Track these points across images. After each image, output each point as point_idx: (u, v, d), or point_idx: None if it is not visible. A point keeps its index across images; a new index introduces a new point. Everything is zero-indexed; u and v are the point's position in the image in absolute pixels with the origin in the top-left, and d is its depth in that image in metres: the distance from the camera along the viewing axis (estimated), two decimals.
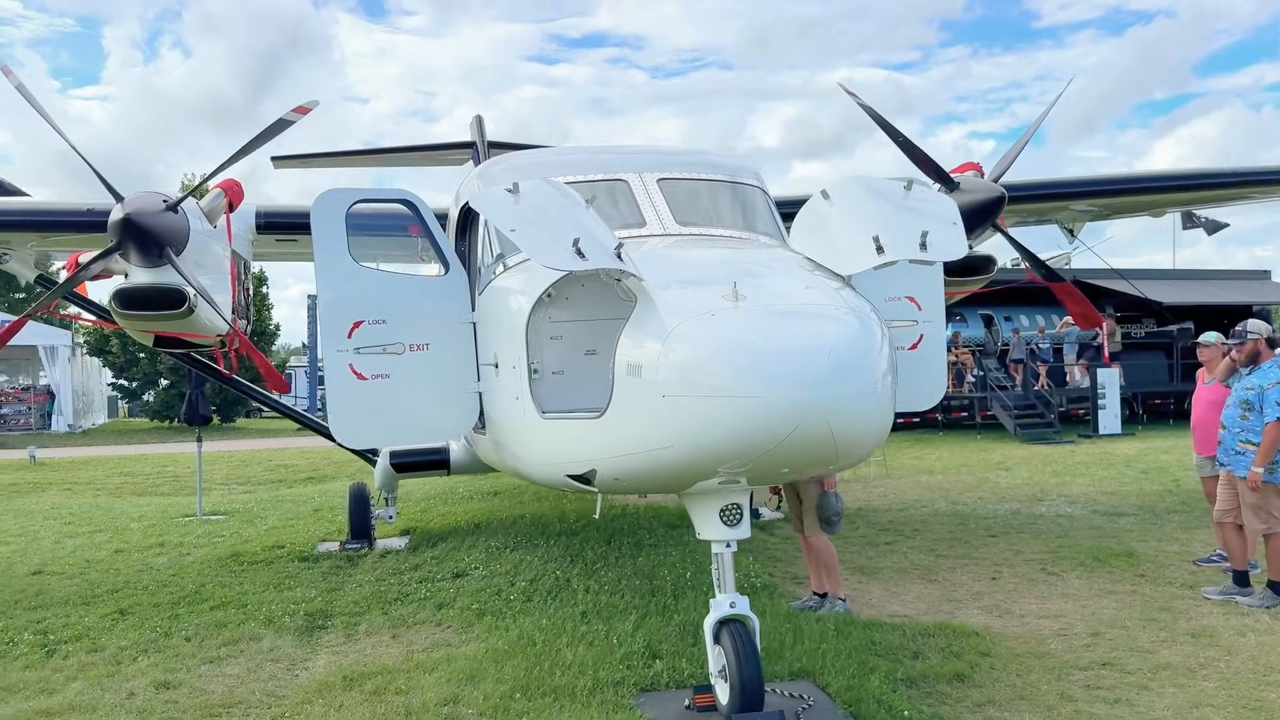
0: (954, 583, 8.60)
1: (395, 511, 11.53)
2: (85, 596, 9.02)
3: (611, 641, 6.62)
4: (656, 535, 10.55)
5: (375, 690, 6.07)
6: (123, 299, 7.96)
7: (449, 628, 7.52)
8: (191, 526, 13.34)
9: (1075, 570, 8.87)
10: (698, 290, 4.63)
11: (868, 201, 5.23)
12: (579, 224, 4.81)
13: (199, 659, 6.95)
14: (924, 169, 9.17)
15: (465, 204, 7.38)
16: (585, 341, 5.52)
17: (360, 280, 6.41)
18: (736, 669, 5.03)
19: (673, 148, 7.33)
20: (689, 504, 5.39)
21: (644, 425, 4.56)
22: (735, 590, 5.32)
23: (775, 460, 4.47)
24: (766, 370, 4.18)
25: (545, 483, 6.15)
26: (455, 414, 6.57)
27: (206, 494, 19.07)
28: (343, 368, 6.28)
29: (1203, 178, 11.33)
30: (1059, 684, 5.89)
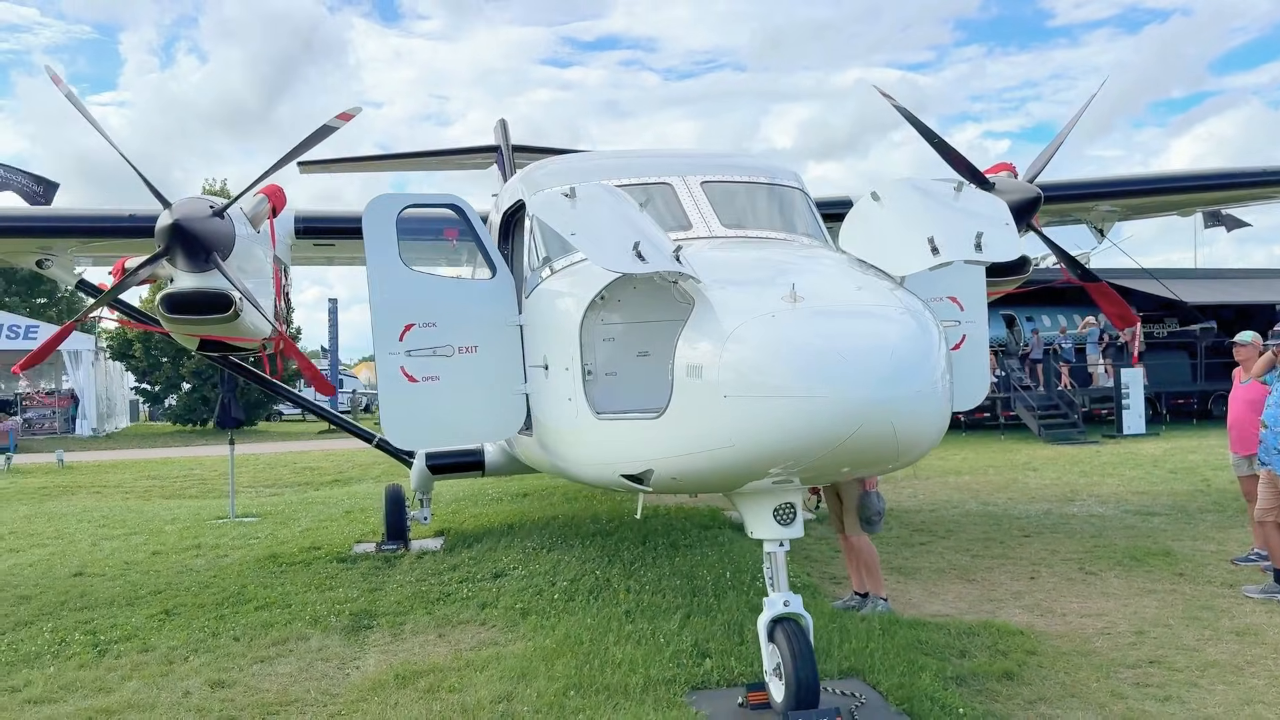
0: (993, 582, 8.63)
1: (430, 513, 11.62)
2: (129, 597, 9.14)
3: (659, 640, 6.68)
4: (690, 536, 10.60)
5: (428, 688, 6.15)
6: (170, 303, 8.08)
7: (494, 627, 7.59)
8: (225, 528, 13.47)
9: (1113, 570, 8.89)
10: (756, 291, 4.69)
11: (919, 203, 5.28)
12: (637, 227, 4.88)
13: (250, 658, 7.05)
14: (959, 170, 9.19)
15: (509, 208, 7.46)
16: (638, 343, 5.58)
17: (411, 284, 6.50)
18: (792, 667, 5.08)
19: (713, 150, 7.39)
20: (741, 503, 5.44)
21: (705, 425, 4.61)
22: (788, 589, 5.38)
23: (837, 459, 4.52)
24: (830, 370, 4.24)
25: (596, 483, 6.22)
26: (503, 415, 6.65)
27: (220, 498, 19.31)
28: (394, 370, 6.37)
29: (1237, 176, 11.31)
30: (1108, 682, 5.92)
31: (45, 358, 8.64)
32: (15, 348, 38.49)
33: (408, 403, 6.43)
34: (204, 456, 28.20)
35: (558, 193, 5.26)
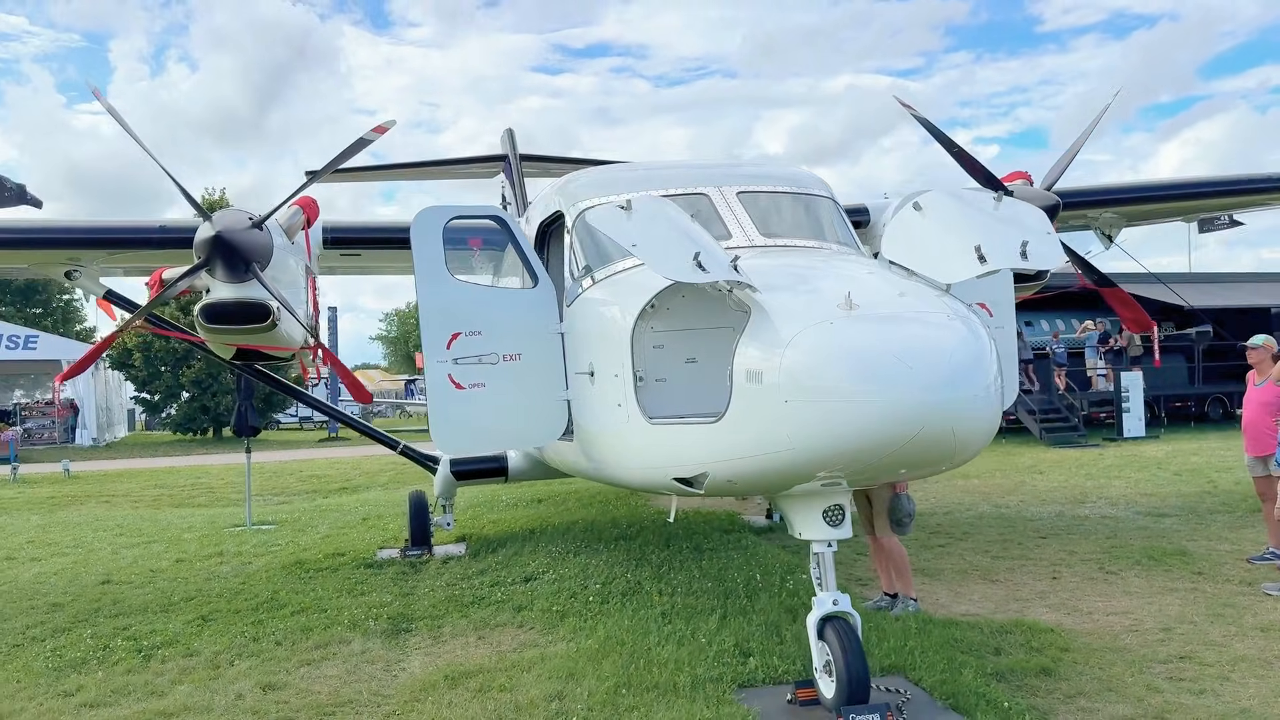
0: (1015, 583, 8.80)
1: (453, 518, 11.76)
2: (162, 604, 9.25)
3: (700, 641, 6.83)
4: (713, 540, 10.75)
5: (479, 688, 6.28)
6: (209, 314, 8.22)
7: (532, 629, 7.73)
8: (244, 536, 13.57)
9: (1133, 569, 9.07)
10: (812, 299, 4.85)
11: (961, 212, 5.45)
12: (695, 238, 5.04)
13: (295, 661, 7.17)
14: (977, 178, 9.40)
15: (546, 218, 7.62)
16: (687, 350, 5.75)
17: (457, 293, 6.66)
18: (844, 663, 5.23)
19: (745, 161, 7.61)
20: (789, 505, 5.60)
21: (765, 429, 4.77)
22: (836, 588, 5.54)
23: (896, 461, 4.69)
24: (892, 375, 4.40)
25: (644, 486, 6.37)
26: (546, 421, 6.81)
27: (235, 505, 19.40)
28: (442, 378, 6.53)
29: (1246, 183, 11.56)
30: (1142, 676, 6.09)
31: (87, 368, 8.74)
32: (15, 358, 38.56)
33: (455, 409, 6.59)
34: (208, 465, 28.25)
35: (613, 205, 5.41)
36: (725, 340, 5.64)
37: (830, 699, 5.35)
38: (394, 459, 27.87)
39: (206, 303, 8.23)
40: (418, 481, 21.98)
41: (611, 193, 7.11)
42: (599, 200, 7.07)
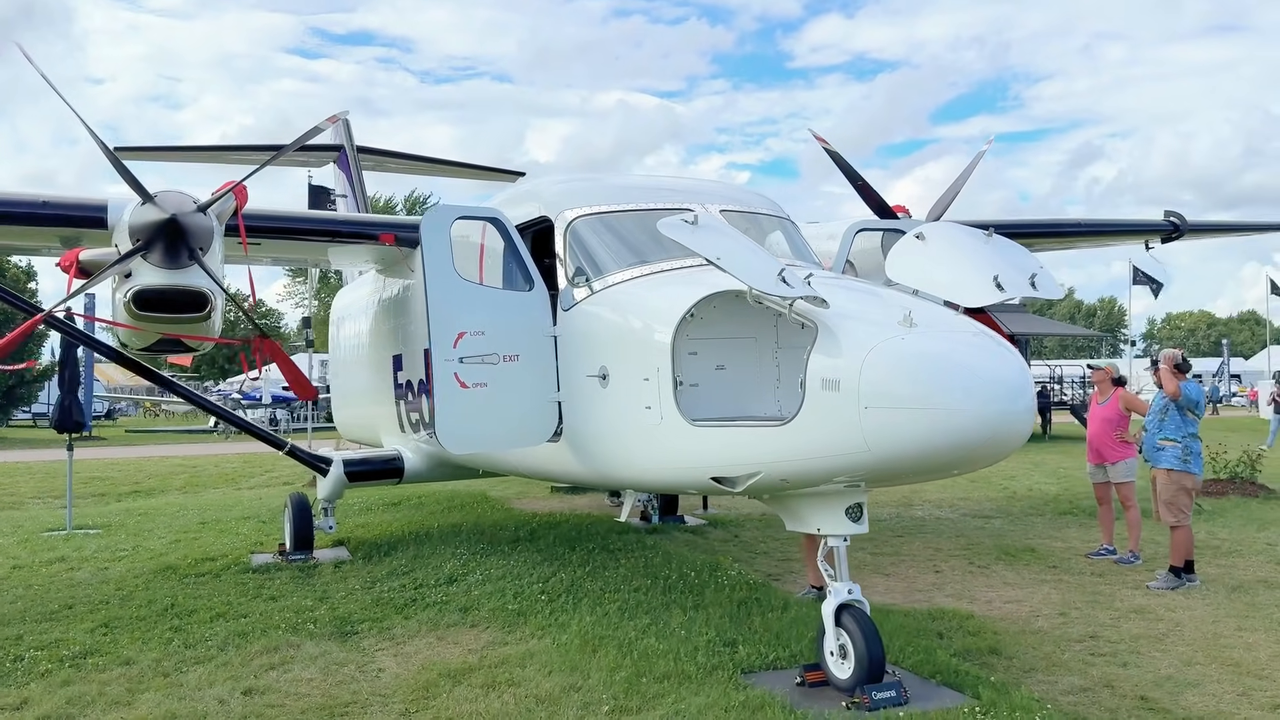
0: (905, 575, 9.71)
1: (335, 522, 11.38)
2: (40, 613, 8.50)
3: (679, 634, 7.16)
4: (614, 540, 11.06)
5: (486, 684, 6.33)
6: (141, 300, 7.66)
7: (488, 628, 7.75)
8: (75, 541, 12.48)
9: (997, 563, 10.23)
10: (878, 314, 5.37)
11: (963, 244, 6.15)
12: (769, 254, 5.44)
13: (255, 666, 6.88)
14: (873, 207, 10.33)
15: (528, 221, 7.72)
16: (718, 357, 6.12)
17: (463, 293, 6.70)
18: (864, 646, 5.77)
19: (719, 181, 8.05)
20: (807, 502, 6.09)
21: (839, 433, 5.20)
22: (849, 579, 6.08)
23: (957, 463, 5.29)
24: (968, 386, 4.98)
25: (668, 485, 6.65)
26: (541, 421, 6.96)
27: (21, 508, 17.64)
28: (449, 376, 6.55)
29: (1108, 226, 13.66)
30: (1070, 653, 7.03)
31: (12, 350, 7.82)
32: None
33: (461, 408, 6.62)
34: None
35: (678, 219, 5.69)
36: (754, 349, 6.08)
37: (845, 679, 5.87)
38: (183, 460, 26.17)
39: (138, 288, 7.65)
40: (212, 483, 20.80)
41: (602, 202, 7.37)
42: (591, 209, 7.30)
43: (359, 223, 10.22)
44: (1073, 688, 6.30)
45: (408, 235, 10.22)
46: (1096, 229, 14.80)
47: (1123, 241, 15.80)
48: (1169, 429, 9.32)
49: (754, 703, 5.73)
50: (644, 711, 5.76)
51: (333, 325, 14.80)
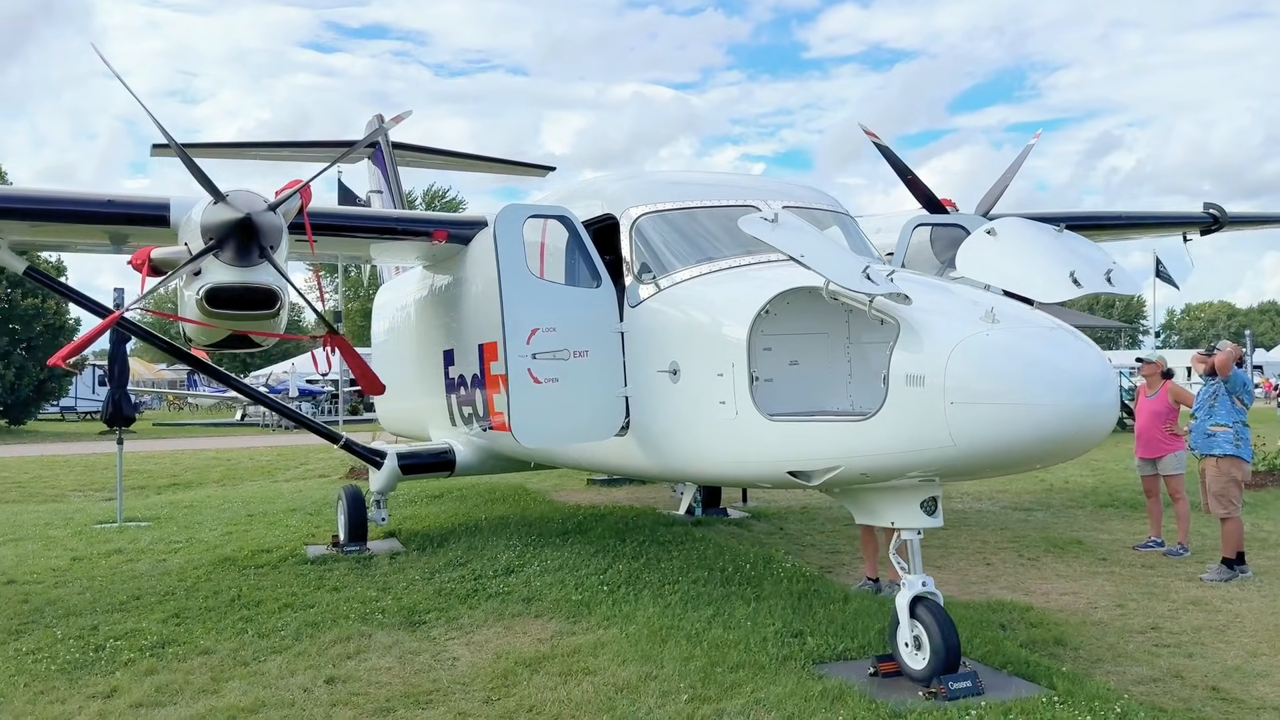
0: (956, 569, 9.79)
1: (386, 514, 11.55)
2: (110, 604, 8.68)
3: (745, 625, 7.27)
4: (663, 533, 11.15)
5: (562, 672, 6.45)
6: (213, 297, 7.82)
7: (553, 619, 7.87)
8: (129, 534, 12.69)
9: (1046, 556, 10.29)
10: (960, 310, 5.44)
11: (1035, 239, 6.22)
12: (851, 251, 5.53)
13: (334, 655, 7.03)
14: (922, 201, 10.39)
15: (593, 219, 7.82)
16: (792, 352, 6.22)
17: (535, 290, 6.83)
18: (940, 637, 5.86)
19: (779, 178, 8.16)
20: (880, 496, 6.17)
21: (924, 428, 5.28)
22: (922, 571, 6.17)
23: (1042, 457, 5.37)
24: (1056, 381, 5.06)
25: (742, 479, 6.75)
26: (609, 416, 7.08)
27: (64, 501, 17.90)
28: (523, 372, 6.68)
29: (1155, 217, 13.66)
30: (1135, 644, 7.10)
31: (85, 349, 8.01)
32: None
33: (534, 403, 6.75)
34: (5, 458, 25.66)
35: (759, 217, 5.79)
36: (826, 344, 6.17)
37: (920, 670, 5.96)
38: (216, 453, 26.46)
39: (211, 286, 7.80)
40: (249, 476, 21.03)
41: (665, 200, 7.47)
42: (655, 207, 7.41)
43: (413, 220, 10.34)
44: (1142, 678, 6.38)
45: (458, 232, 10.36)
46: (1135, 221, 14.81)
47: (1161, 234, 15.81)
48: (1220, 415, 9.36)
49: (832, 692, 5.83)
50: (722, 700, 5.86)
51: (376, 320, 14.95)
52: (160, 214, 8.58)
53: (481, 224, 10.32)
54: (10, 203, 9.01)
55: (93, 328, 8.38)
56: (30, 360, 37.50)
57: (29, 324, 37.18)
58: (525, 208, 7.07)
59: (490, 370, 9.76)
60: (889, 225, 10.02)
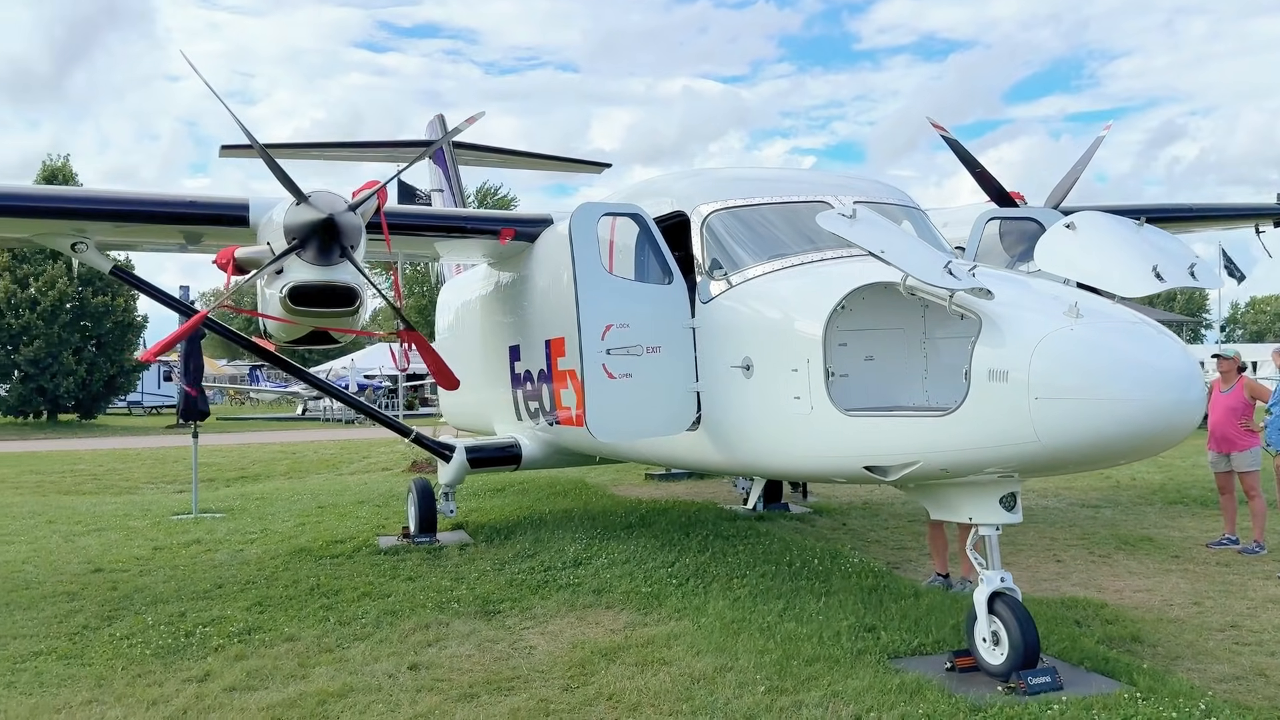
0: (1026, 565, 9.72)
1: (455, 506, 11.77)
2: (195, 592, 8.97)
3: (818, 619, 7.32)
4: (726, 527, 11.22)
5: (639, 662, 6.56)
6: (297, 296, 8.05)
7: (624, 610, 7.98)
8: (205, 525, 13.06)
9: (1117, 553, 10.17)
10: (1044, 304, 5.44)
11: (1115, 233, 6.18)
12: (931, 246, 5.56)
13: (415, 642, 7.21)
14: (991, 194, 10.32)
15: (663, 216, 7.91)
16: (867, 348, 6.25)
17: (610, 286, 6.93)
18: (1019, 633, 5.86)
19: (847, 173, 8.16)
20: (958, 491, 6.18)
21: (1007, 424, 5.28)
22: (1001, 567, 6.17)
23: (1126, 453, 5.36)
24: (1143, 376, 5.04)
25: (817, 474, 6.80)
26: (681, 411, 7.17)
27: (138, 493, 18.43)
28: (598, 368, 6.79)
29: (1227, 209, 13.42)
30: (1215, 641, 7.02)
31: (174, 345, 8.32)
32: None
33: (608, 398, 6.86)
34: (79, 450, 26.55)
35: (836, 213, 5.83)
36: (902, 340, 6.19)
37: (998, 665, 5.96)
38: (282, 446, 27.00)
39: (294, 284, 8.04)
40: (314, 469, 21.46)
41: (736, 196, 7.53)
42: (725, 203, 7.47)
43: (481, 218, 10.53)
44: (1224, 676, 6.32)
45: (524, 230, 10.52)
46: (1207, 213, 14.55)
47: (1233, 226, 15.51)
48: None
49: (909, 686, 5.86)
50: (799, 692, 5.92)
51: (440, 316, 15.20)
52: (240, 214, 8.84)
53: (547, 221, 10.47)
54: (100, 204, 9.33)
55: (182, 325, 8.66)
56: (100, 356, 38.58)
57: (99, 321, 38.24)
58: (599, 205, 7.18)
59: (557, 365, 9.91)
60: (956, 219, 9.99)
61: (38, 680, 6.53)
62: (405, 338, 9.01)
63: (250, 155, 19.25)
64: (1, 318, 36.03)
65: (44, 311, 36.32)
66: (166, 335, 8.72)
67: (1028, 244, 8.02)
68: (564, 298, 9.05)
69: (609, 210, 7.33)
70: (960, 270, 5.43)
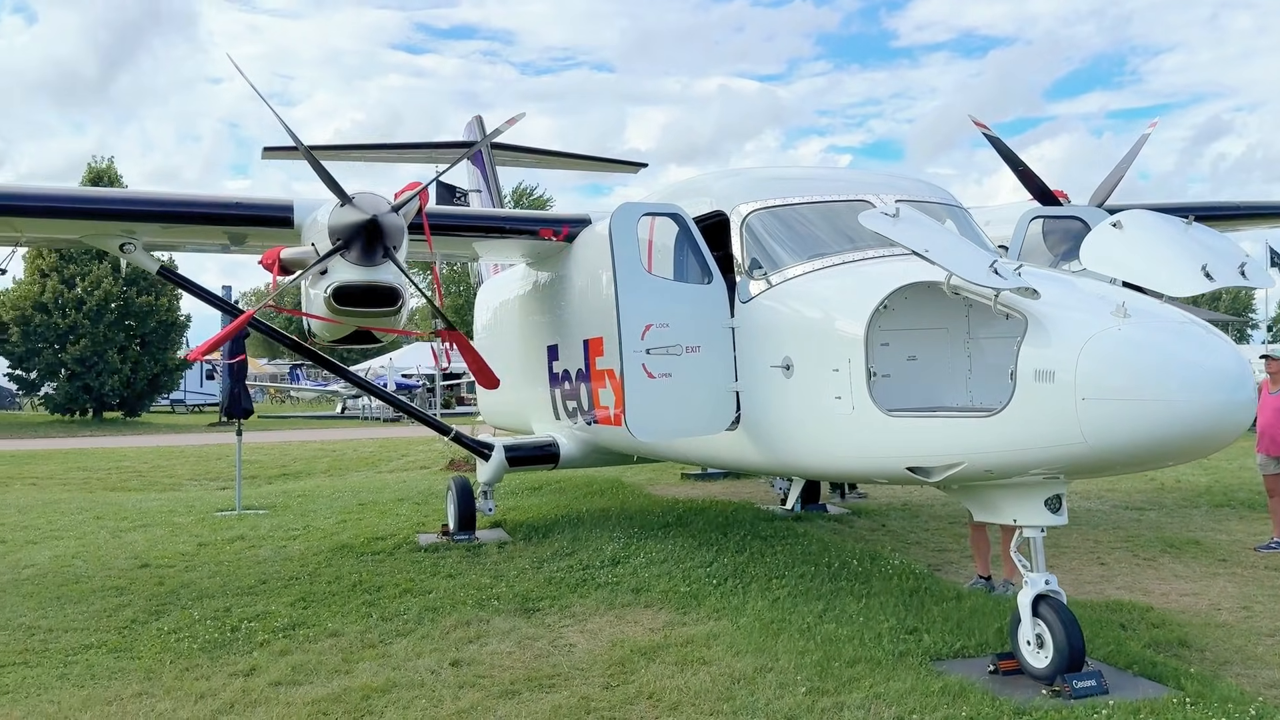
0: (1069, 568, 9.60)
1: (494, 504, 11.85)
2: (239, 587, 9.09)
3: (858, 620, 7.29)
4: (763, 527, 11.19)
5: (678, 661, 6.56)
6: (341, 296, 8.15)
7: (663, 609, 7.99)
8: (249, 521, 13.24)
9: (1162, 556, 10.02)
10: (1091, 304, 5.38)
11: (1163, 232, 6.10)
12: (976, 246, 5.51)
13: (456, 639, 7.27)
14: (1034, 193, 10.20)
15: (702, 215, 7.92)
16: (909, 348, 6.21)
17: (649, 286, 6.95)
18: (1064, 636, 5.79)
19: (888, 171, 8.12)
20: (1002, 493, 6.12)
21: (1054, 425, 5.23)
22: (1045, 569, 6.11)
23: (1174, 454, 5.28)
24: (1193, 378, 4.97)
25: (857, 474, 6.78)
26: (720, 411, 7.17)
27: (181, 489, 18.73)
28: (637, 367, 6.81)
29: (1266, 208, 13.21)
30: (1264, 646, 6.90)
31: (221, 345, 8.48)
32: None
33: (648, 397, 6.88)
34: (124, 448, 27.04)
35: (880, 212, 5.81)
36: (945, 340, 6.15)
37: (1042, 668, 5.90)
38: (322, 444, 27.30)
39: (338, 284, 8.14)
40: (354, 467, 21.68)
41: (776, 196, 7.51)
42: (765, 203, 7.46)
43: (521, 219, 10.58)
44: (1274, 681, 6.20)
45: (563, 230, 10.56)
46: (1254, 211, 14.28)
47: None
48: None
49: (953, 689, 5.82)
50: (841, 694, 5.90)
51: (478, 316, 15.30)
52: (284, 215, 8.96)
53: (585, 221, 10.50)
54: (148, 205, 9.49)
55: (228, 325, 8.80)
56: (145, 355, 39.25)
57: (144, 320, 38.90)
58: (639, 205, 7.20)
59: (595, 365, 9.94)
60: (998, 217, 9.89)
61: (89, 673, 6.67)
62: (446, 337, 9.10)
63: (291, 157, 19.63)
64: (49, 317, 36.75)
65: (90, 311, 37.00)
66: (212, 335, 8.86)
67: (1072, 243, 7.94)
68: (603, 297, 9.10)
69: (649, 210, 7.35)
70: (1006, 269, 5.38)
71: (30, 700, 6.15)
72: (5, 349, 37.37)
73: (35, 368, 37.67)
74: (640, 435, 6.97)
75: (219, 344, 9.29)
